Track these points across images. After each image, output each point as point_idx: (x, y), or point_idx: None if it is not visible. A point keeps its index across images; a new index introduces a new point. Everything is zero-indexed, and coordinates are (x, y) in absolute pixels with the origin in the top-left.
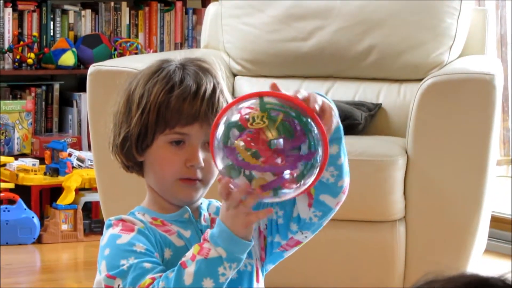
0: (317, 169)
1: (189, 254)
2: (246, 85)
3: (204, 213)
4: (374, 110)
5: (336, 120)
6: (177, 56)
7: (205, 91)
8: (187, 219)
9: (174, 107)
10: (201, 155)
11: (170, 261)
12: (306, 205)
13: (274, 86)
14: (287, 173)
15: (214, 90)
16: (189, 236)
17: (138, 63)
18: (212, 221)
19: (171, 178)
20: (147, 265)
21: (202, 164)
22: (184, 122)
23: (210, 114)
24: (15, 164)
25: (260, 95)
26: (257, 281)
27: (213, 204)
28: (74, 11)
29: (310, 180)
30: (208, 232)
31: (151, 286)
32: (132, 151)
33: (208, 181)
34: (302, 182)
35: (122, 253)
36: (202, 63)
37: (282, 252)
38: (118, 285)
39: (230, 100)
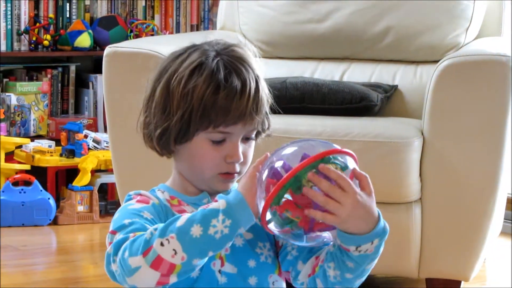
0: None
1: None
2: (262, 66)
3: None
4: (390, 92)
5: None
6: (207, 38)
7: (250, 90)
8: (205, 204)
9: (220, 107)
10: (240, 150)
11: None
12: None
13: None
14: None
15: (257, 86)
16: None
17: (154, 45)
18: None
19: (210, 173)
20: (149, 226)
21: (242, 159)
22: (230, 122)
23: (254, 112)
24: (31, 145)
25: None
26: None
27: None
28: None
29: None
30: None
31: (143, 233)
32: (170, 143)
33: (244, 171)
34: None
35: (128, 214)
36: (238, 51)
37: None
38: (118, 234)
39: (266, 93)
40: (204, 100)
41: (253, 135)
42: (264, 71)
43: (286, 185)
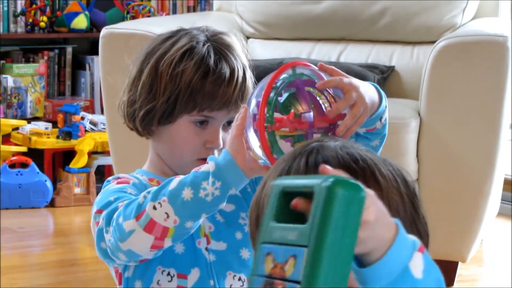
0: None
1: None
2: (259, 47)
3: None
4: (387, 73)
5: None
6: (195, 22)
7: (237, 78)
8: None
9: (207, 92)
10: (220, 136)
11: None
12: None
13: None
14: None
15: (244, 75)
16: None
17: (151, 26)
18: None
19: (189, 157)
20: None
21: (222, 146)
22: (215, 107)
23: (239, 100)
24: (27, 127)
25: (293, 66)
26: None
27: None
28: None
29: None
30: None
31: (134, 198)
32: (153, 123)
33: None
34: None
35: (112, 193)
36: (226, 39)
37: None
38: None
39: (252, 82)
40: (192, 83)
41: None
42: (251, 59)
43: (268, 101)
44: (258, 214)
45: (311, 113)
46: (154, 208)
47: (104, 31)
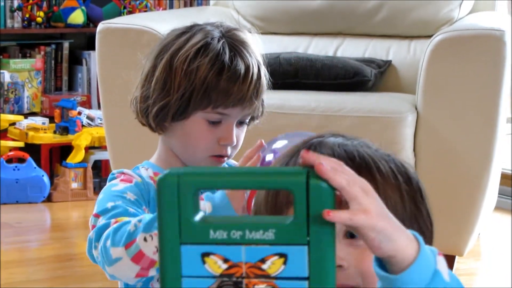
0: None
1: None
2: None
3: None
4: (383, 67)
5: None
6: (209, 18)
7: (252, 75)
8: None
9: (222, 89)
10: (234, 133)
11: None
12: None
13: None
14: None
15: (259, 72)
16: None
17: (148, 21)
18: None
19: (202, 154)
20: (131, 209)
21: (235, 143)
22: (229, 104)
23: (254, 97)
24: (24, 122)
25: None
26: None
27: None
28: None
29: None
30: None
31: (126, 220)
32: (166, 120)
33: (233, 155)
34: None
35: (112, 197)
36: (240, 35)
37: None
38: (101, 218)
39: (266, 79)
40: (207, 80)
41: (247, 120)
42: (263, 53)
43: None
44: (256, 211)
45: None
46: (145, 240)
47: (100, 26)
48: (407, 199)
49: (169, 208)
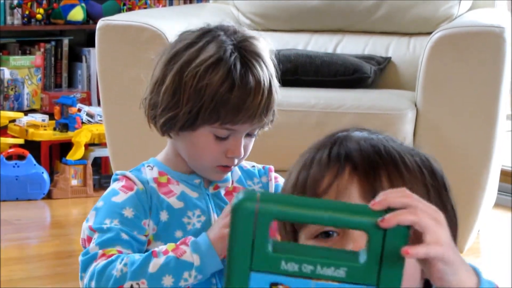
0: None
1: (162, 247)
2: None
3: (217, 183)
4: (383, 64)
5: None
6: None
7: (263, 92)
8: (197, 184)
9: (231, 106)
10: (242, 147)
11: (167, 223)
12: None
13: None
14: None
15: (270, 87)
16: (196, 197)
17: (147, 18)
18: (229, 193)
19: (208, 164)
20: (124, 236)
21: (242, 155)
22: (238, 121)
23: (263, 114)
24: (24, 119)
25: None
26: None
27: (237, 172)
28: None
29: None
30: (191, 238)
31: (113, 257)
32: (174, 130)
33: (242, 161)
34: None
35: (110, 212)
36: (255, 45)
37: None
38: (94, 238)
39: (278, 93)
40: (216, 97)
41: (256, 132)
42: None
43: None
44: None
45: None
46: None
47: (100, 23)
48: (433, 193)
49: (243, 234)
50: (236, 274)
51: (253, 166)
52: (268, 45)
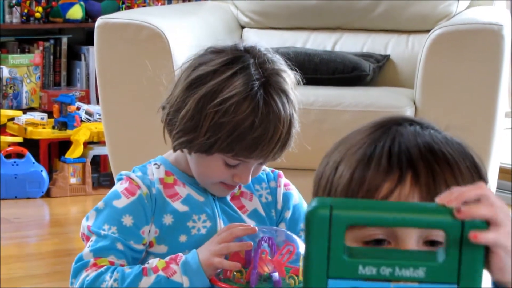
0: None
1: (152, 264)
2: (254, 37)
3: None
4: (382, 62)
5: None
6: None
7: (281, 135)
8: (203, 188)
9: (247, 146)
10: (250, 175)
11: (172, 227)
12: None
13: None
14: None
15: (289, 128)
16: (202, 201)
17: (146, 16)
18: (235, 198)
19: (215, 181)
20: (119, 246)
21: (249, 181)
22: (251, 158)
23: (278, 154)
24: (23, 118)
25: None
26: None
27: None
28: None
29: None
30: (181, 257)
31: (103, 269)
32: (188, 151)
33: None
34: None
35: (110, 218)
36: (282, 80)
37: None
38: (90, 242)
39: (297, 125)
40: (234, 135)
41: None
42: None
43: None
44: (317, 191)
45: (276, 274)
46: None
47: (99, 21)
48: None
49: (318, 242)
50: (314, 282)
51: (262, 170)
52: (293, 80)
